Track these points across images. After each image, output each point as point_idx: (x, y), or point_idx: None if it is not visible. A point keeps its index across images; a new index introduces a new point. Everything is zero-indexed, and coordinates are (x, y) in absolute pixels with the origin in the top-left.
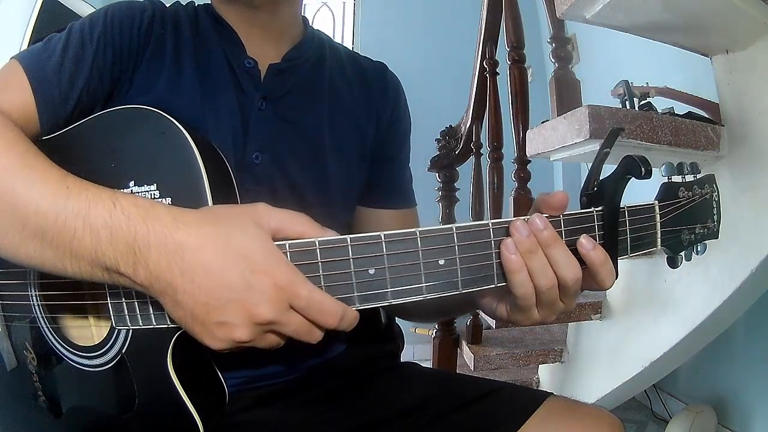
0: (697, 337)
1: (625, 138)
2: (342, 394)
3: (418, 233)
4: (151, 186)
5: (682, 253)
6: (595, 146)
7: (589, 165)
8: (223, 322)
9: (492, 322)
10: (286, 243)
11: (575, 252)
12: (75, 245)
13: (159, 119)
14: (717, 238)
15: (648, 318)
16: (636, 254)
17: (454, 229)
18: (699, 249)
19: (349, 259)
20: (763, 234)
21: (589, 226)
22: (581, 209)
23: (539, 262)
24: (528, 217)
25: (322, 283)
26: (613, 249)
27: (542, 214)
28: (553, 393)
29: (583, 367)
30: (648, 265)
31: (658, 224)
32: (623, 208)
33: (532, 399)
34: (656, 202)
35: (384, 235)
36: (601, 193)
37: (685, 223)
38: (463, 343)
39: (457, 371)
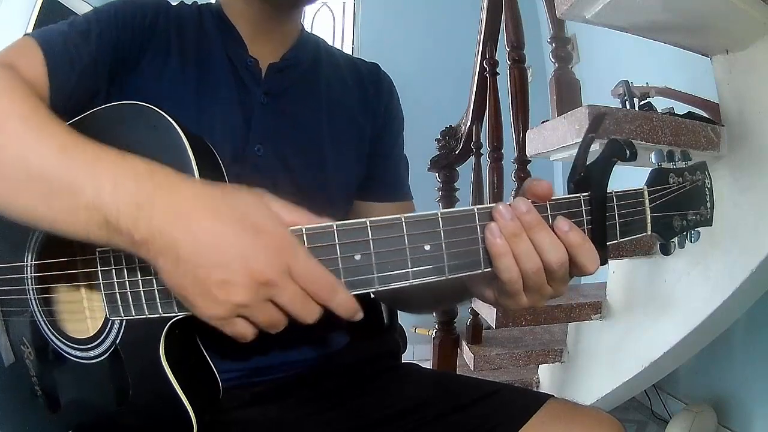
0: (697, 337)
1: (625, 138)
2: (341, 393)
3: (403, 219)
4: None
5: (675, 240)
6: (595, 146)
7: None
8: (224, 280)
9: (492, 322)
10: None
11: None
12: (77, 192)
13: (150, 113)
14: (711, 225)
15: (648, 318)
16: (626, 239)
17: (439, 214)
18: (693, 236)
19: (335, 245)
20: (763, 234)
21: (576, 211)
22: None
23: (524, 245)
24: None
25: None
26: (602, 234)
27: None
28: (553, 395)
29: (583, 367)
30: (648, 265)
31: (648, 209)
32: (611, 193)
33: (532, 401)
34: (645, 187)
35: (370, 221)
36: (588, 178)
37: (677, 209)
38: (463, 343)
39: (457, 371)
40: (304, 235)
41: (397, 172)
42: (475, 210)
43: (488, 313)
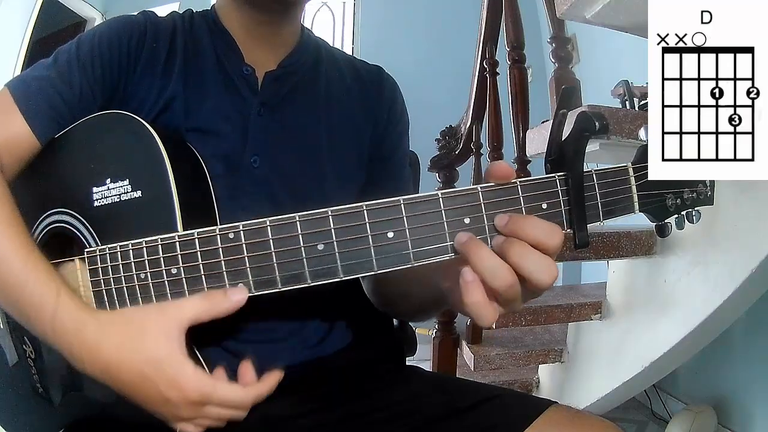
0: (697, 337)
1: (625, 138)
2: (339, 393)
3: (365, 207)
4: (124, 181)
5: (672, 221)
6: (595, 146)
7: (590, 164)
8: (157, 413)
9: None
10: (240, 224)
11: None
12: (33, 325)
13: (130, 121)
14: (712, 204)
15: (648, 318)
16: (610, 219)
17: (402, 201)
18: (693, 216)
19: (298, 235)
20: (763, 234)
21: (552, 191)
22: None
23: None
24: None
25: (275, 260)
26: (581, 214)
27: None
28: (556, 402)
29: (584, 367)
30: (648, 265)
31: (634, 187)
32: (590, 171)
33: (532, 407)
34: (629, 164)
35: (331, 210)
36: (563, 156)
37: (670, 187)
38: (463, 343)
39: (457, 371)
40: (268, 227)
41: (400, 177)
42: (439, 195)
43: None
